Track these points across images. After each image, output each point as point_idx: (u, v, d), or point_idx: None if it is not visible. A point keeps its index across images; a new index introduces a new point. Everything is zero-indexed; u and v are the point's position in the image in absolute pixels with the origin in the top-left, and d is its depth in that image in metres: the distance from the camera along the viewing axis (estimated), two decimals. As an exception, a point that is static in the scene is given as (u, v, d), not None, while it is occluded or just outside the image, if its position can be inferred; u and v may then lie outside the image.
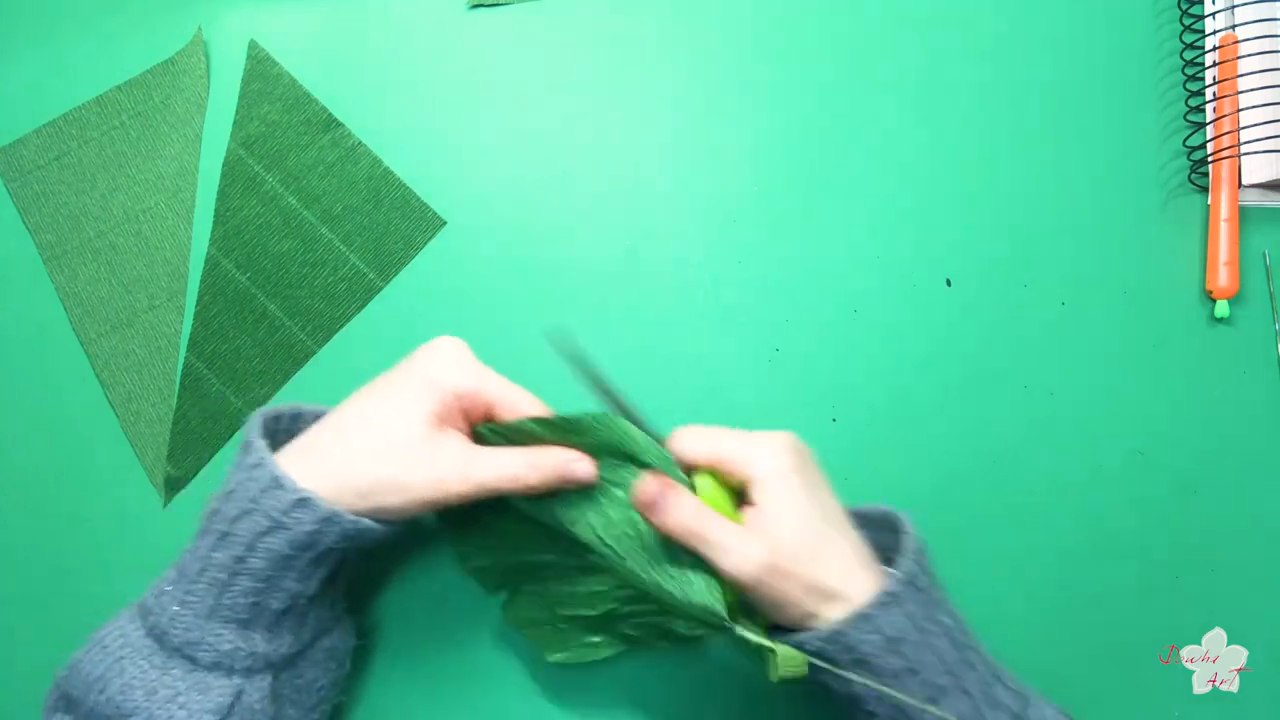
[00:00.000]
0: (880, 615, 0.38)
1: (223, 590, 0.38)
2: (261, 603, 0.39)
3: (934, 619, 0.39)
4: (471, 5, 0.55)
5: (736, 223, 0.53)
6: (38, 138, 0.54)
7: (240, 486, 0.38)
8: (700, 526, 0.39)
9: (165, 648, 0.38)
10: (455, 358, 0.42)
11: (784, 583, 0.38)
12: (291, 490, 0.38)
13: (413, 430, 0.40)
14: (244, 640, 0.38)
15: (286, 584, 0.39)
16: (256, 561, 0.38)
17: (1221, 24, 0.55)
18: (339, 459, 0.39)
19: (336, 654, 0.44)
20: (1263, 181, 0.53)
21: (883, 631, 0.38)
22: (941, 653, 0.38)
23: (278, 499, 0.38)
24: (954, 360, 0.53)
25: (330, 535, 0.38)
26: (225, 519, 0.38)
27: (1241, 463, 0.52)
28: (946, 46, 0.55)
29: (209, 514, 0.39)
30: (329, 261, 0.53)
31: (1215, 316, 0.53)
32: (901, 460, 0.52)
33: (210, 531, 0.39)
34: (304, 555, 0.38)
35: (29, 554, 0.51)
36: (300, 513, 0.38)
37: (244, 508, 0.38)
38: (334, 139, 0.53)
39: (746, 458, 0.40)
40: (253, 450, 0.39)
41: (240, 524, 0.38)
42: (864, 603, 0.38)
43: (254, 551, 0.38)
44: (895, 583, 0.38)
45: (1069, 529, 0.51)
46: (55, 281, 0.53)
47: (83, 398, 0.52)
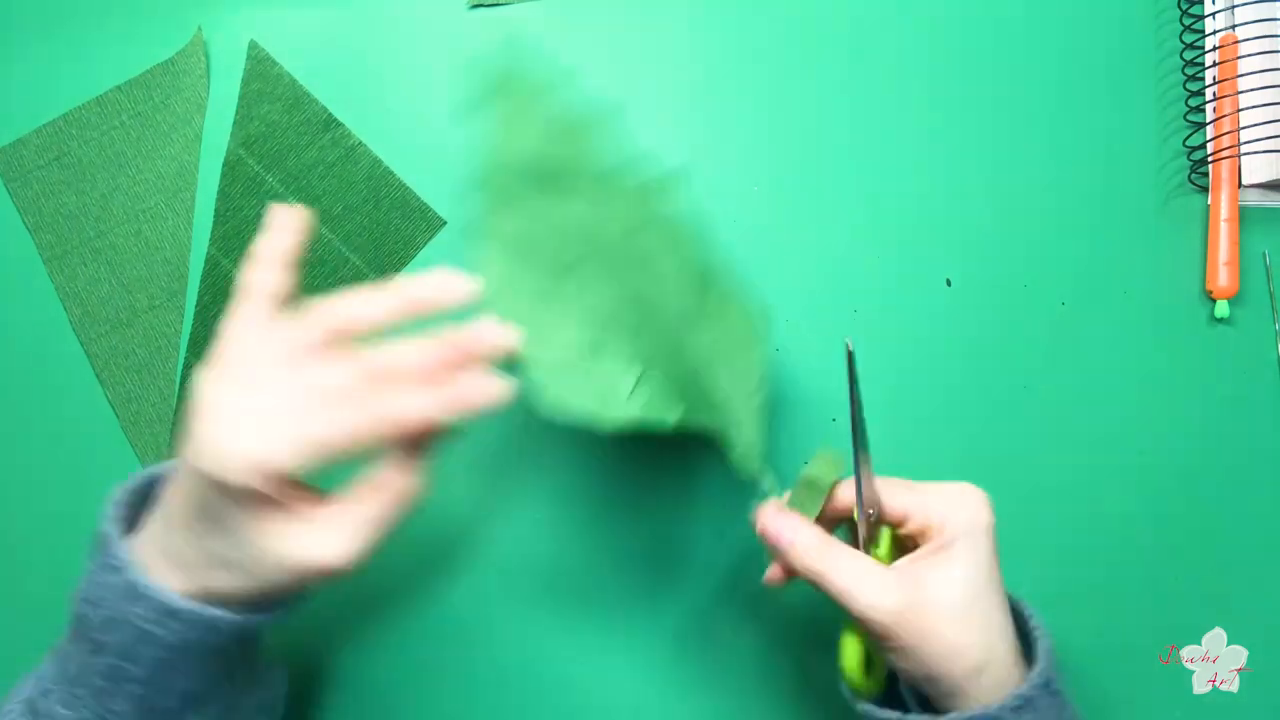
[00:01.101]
0: (1036, 700, 0.35)
1: (109, 697, 0.34)
2: (155, 704, 0.35)
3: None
4: (471, 5, 0.55)
5: (736, 223, 0.53)
6: (38, 138, 0.54)
7: (100, 595, 0.34)
8: (826, 566, 0.36)
9: None
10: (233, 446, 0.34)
11: (924, 641, 0.35)
12: (157, 598, 0.33)
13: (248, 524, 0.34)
14: None
15: (176, 684, 0.35)
16: (136, 670, 0.34)
17: (1221, 24, 0.55)
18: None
19: (265, 707, 0.41)
20: (1263, 181, 0.53)
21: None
22: None
23: (141, 609, 0.33)
24: (954, 360, 0.53)
25: (213, 636, 0.34)
26: (93, 626, 0.34)
27: (1241, 463, 0.52)
28: (946, 46, 0.55)
29: (76, 617, 0.35)
30: (329, 261, 0.53)
31: (1215, 316, 0.53)
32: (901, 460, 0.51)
33: (82, 638, 0.35)
34: (188, 655, 0.34)
35: (29, 554, 0.51)
36: (170, 622, 0.33)
37: (109, 615, 0.34)
38: (334, 139, 0.53)
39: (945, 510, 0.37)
40: (107, 549, 0.35)
41: (109, 634, 0.34)
42: (996, 702, 0.35)
43: (132, 660, 0.34)
44: (1031, 686, 0.36)
45: (1069, 529, 0.51)
46: (55, 281, 0.53)
47: (83, 398, 0.52)
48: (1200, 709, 0.50)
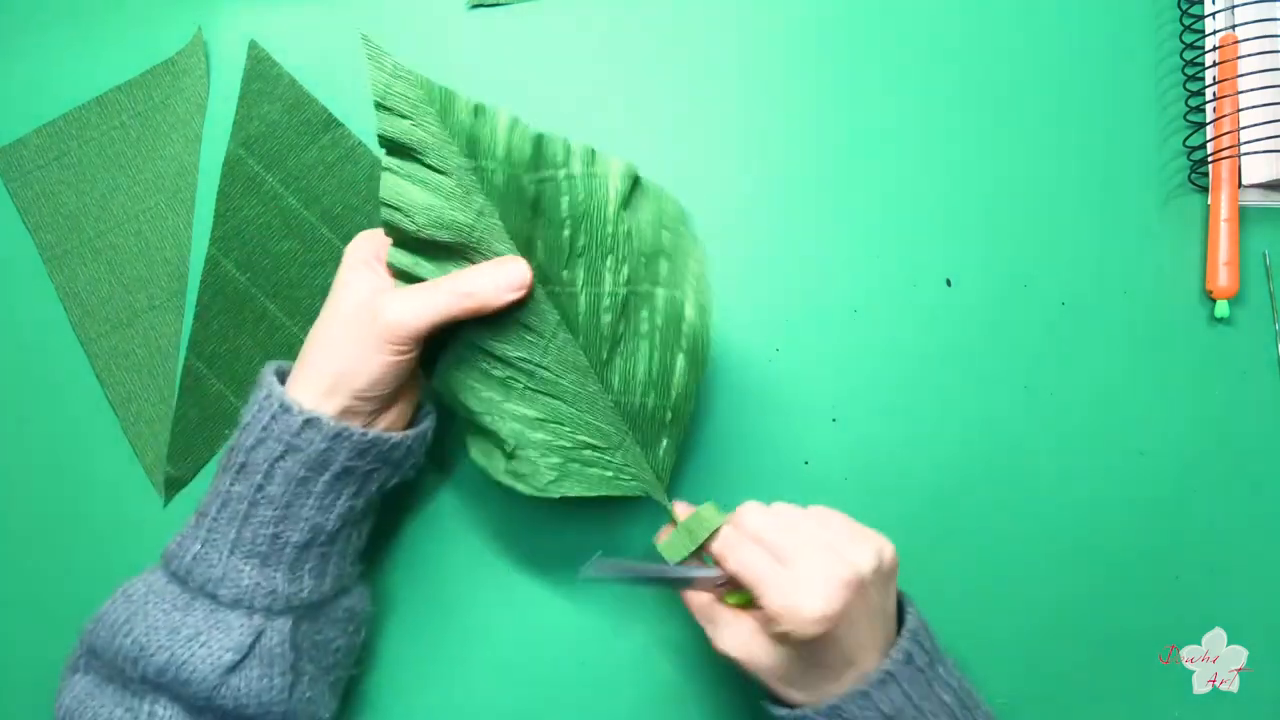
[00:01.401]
0: (877, 692, 0.38)
1: (243, 522, 0.39)
2: (281, 534, 0.39)
3: (932, 694, 0.40)
4: (471, 5, 0.55)
5: (736, 222, 0.53)
6: (38, 138, 0.54)
7: (254, 419, 0.40)
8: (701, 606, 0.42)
9: (188, 588, 0.39)
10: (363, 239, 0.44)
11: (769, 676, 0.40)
12: (298, 413, 0.39)
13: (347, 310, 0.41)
14: (264, 578, 0.39)
15: (305, 513, 0.40)
16: (274, 489, 0.39)
17: (1221, 24, 0.55)
18: (313, 369, 0.41)
19: (354, 616, 0.44)
20: (1263, 181, 0.53)
21: (879, 708, 0.38)
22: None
23: (286, 423, 0.39)
24: (954, 360, 0.53)
25: (342, 450, 0.40)
26: (242, 450, 0.40)
27: (1241, 463, 0.52)
28: (946, 46, 0.55)
29: (226, 452, 0.41)
30: (329, 261, 0.53)
31: (1215, 316, 0.53)
32: (901, 460, 0.52)
33: (228, 467, 0.40)
34: (319, 478, 0.40)
35: (29, 554, 0.51)
36: (309, 432, 0.39)
37: (258, 437, 0.39)
38: (334, 139, 0.53)
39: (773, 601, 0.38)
40: (263, 385, 0.41)
41: (255, 453, 0.39)
42: (862, 681, 0.39)
43: (270, 479, 0.39)
44: (891, 662, 0.39)
45: (1069, 529, 0.51)
46: (55, 281, 0.53)
47: (83, 398, 0.52)
48: (1200, 709, 0.50)
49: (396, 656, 0.50)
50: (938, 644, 0.42)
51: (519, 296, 0.41)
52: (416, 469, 0.45)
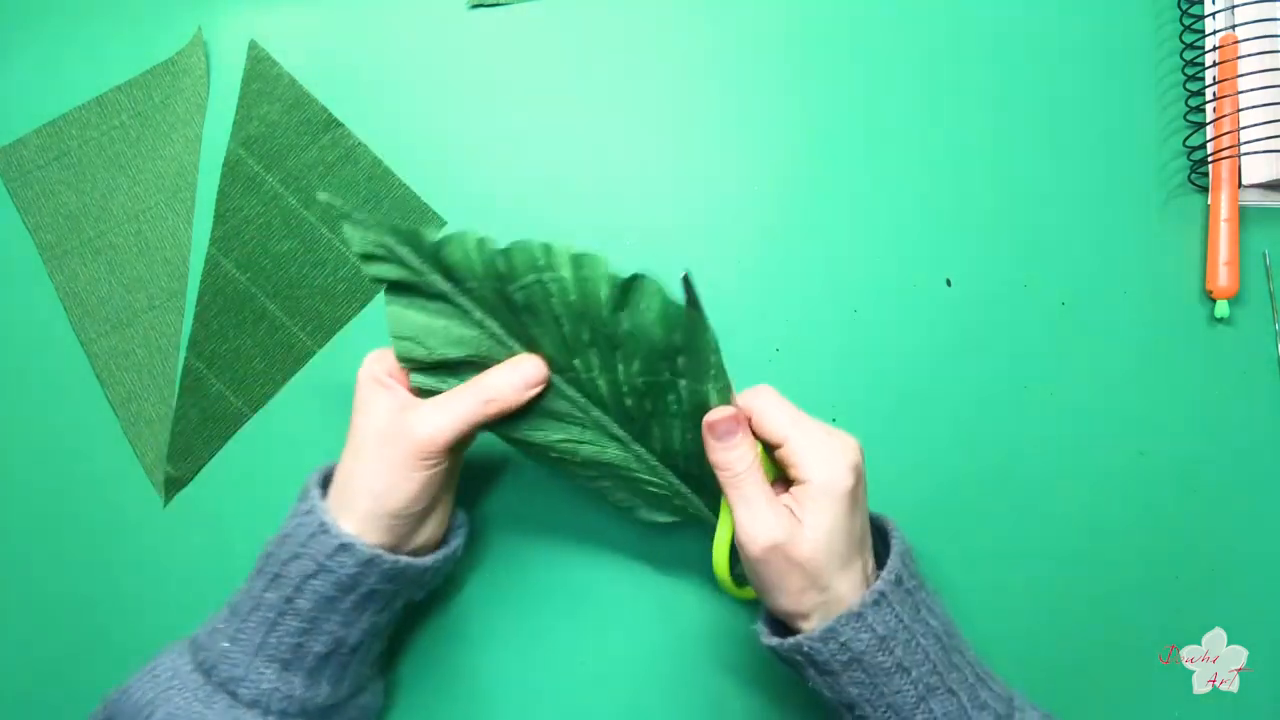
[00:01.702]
0: (871, 613, 0.39)
1: (270, 629, 0.40)
2: (304, 644, 0.40)
3: (920, 619, 0.40)
4: (471, 5, 0.55)
5: (736, 222, 0.53)
6: (38, 138, 0.54)
7: (293, 532, 0.41)
8: (742, 477, 0.40)
9: (211, 681, 0.40)
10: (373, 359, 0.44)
11: (788, 573, 0.39)
12: (335, 535, 0.40)
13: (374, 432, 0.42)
14: (283, 682, 0.40)
15: (329, 627, 0.41)
16: (303, 602, 0.40)
17: (1221, 24, 0.55)
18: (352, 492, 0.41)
19: (366, 713, 0.46)
20: (1263, 181, 0.53)
21: (874, 629, 0.39)
22: (929, 651, 0.39)
23: (323, 544, 0.40)
24: (954, 360, 0.53)
25: (371, 577, 0.41)
26: (278, 561, 0.41)
27: (1241, 463, 0.52)
28: (946, 47, 0.55)
29: (264, 557, 0.42)
30: (329, 261, 0.53)
31: (1215, 316, 0.53)
32: (902, 460, 0.52)
33: (264, 573, 0.41)
34: (347, 597, 0.41)
35: (29, 554, 0.51)
36: (343, 556, 0.40)
37: (294, 551, 0.40)
38: (334, 139, 0.53)
39: (810, 461, 0.40)
40: (307, 498, 0.42)
41: (290, 566, 0.40)
42: (855, 602, 0.39)
43: (301, 593, 0.40)
44: (883, 582, 0.39)
45: (1069, 529, 0.51)
46: (55, 281, 0.53)
47: (83, 398, 0.52)
48: (1200, 709, 0.50)
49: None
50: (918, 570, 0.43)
51: (537, 391, 0.42)
52: (443, 579, 0.46)
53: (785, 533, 0.39)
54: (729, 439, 0.40)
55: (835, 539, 0.39)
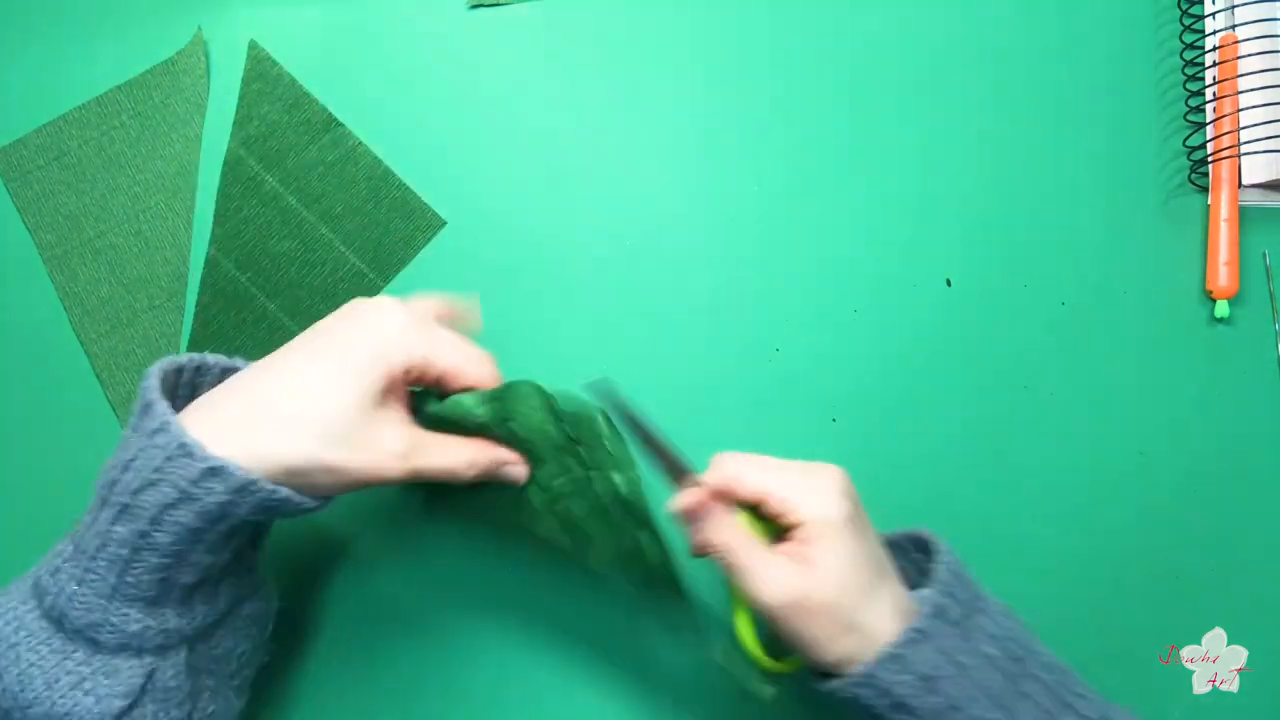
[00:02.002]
0: (910, 653, 0.36)
1: (125, 567, 0.34)
2: (170, 579, 0.35)
3: (973, 649, 0.37)
4: (471, 5, 0.55)
5: (736, 223, 0.53)
6: (38, 138, 0.54)
7: (141, 454, 0.34)
8: (739, 552, 0.38)
9: (65, 630, 0.35)
10: (403, 324, 0.39)
11: (817, 621, 0.37)
12: (201, 458, 0.34)
13: (355, 413, 0.37)
14: (153, 618, 0.35)
15: (196, 558, 0.35)
16: (162, 536, 0.34)
17: (1221, 24, 0.55)
18: (264, 431, 0.35)
19: (257, 619, 0.41)
20: (1263, 181, 0.53)
21: (915, 670, 0.36)
22: (987, 686, 0.37)
23: (185, 468, 0.34)
24: (954, 360, 0.53)
25: (245, 506, 0.35)
26: (126, 490, 0.34)
27: (1241, 463, 0.52)
28: (946, 46, 0.55)
29: (106, 484, 0.35)
30: (329, 261, 0.53)
31: (1215, 316, 0.53)
32: (901, 460, 0.52)
33: (109, 504, 0.35)
34: (215, 528, 0.35)
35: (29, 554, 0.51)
36: (211, 482, 0.34)
37: (146, 478, 0.34)
38: (334, 139, 0.53)
39: (797, 501, 0.38)
40: (154, 413, 0.35)
41: (143, 496, 0.34)
42: (892, 642, 0.37)
43: (159, 526, 0.34)
44: (922, 619, 0.37)
45: (1069, 529, 0.51)
46: (55, 281, 0.53)
47: (83, 398, 0.52)
48: (1200, 709, 0.50)
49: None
50: (979, 590, 0.40)
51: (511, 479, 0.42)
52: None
53: (799, 582, 0.37)
54: (702, 519, 0.39)
55: (850, 571, 0.37)
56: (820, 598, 0.37)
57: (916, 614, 0.38)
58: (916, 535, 0.43)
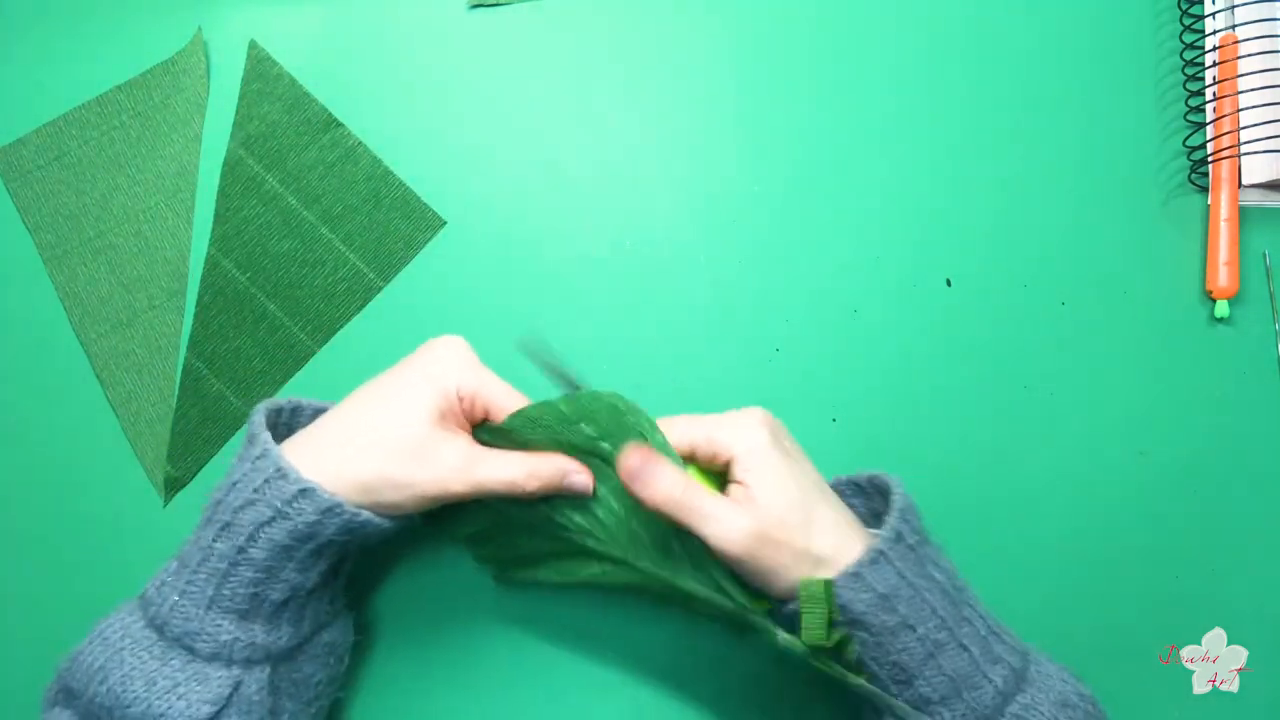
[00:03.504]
0: (870, 573, 0.38)
1: (223, 580, 0.38)
2: (261, 593, 0.39)
3: (925, 574, 0.40)
4: (471, 5, 0.55)
5: (736, 223, 0.53)
6: (38, 138, 0.54)
7: (244, 478, 0.39)
8: (685, 498, 0.39)
9: (165, 638, 0.38)
10: (459, 357, 0.43)
11: (774, 551, 0.38)
12: (295, 480, 0.38)
13: (416, 429, 0.40)
14: (243, 631, 0.39)
15: (286, 575, 0.39)
16: (257, 552, 0.38)
17: (1221, 24, 0.55)
18: (343, 454, 0.40)
19: (335, 649, 0.44)
20: (1263, 181, 0.53)
21: (874, 589, 0.38)
22: (936, 607, 0.39)
23: (280, 489, 0.38)
24: (954, 360, 0.53)
25: (331, 526, 0.39)
26: (229, 509, 0.39)
27: (1241, 463, 0.52)
28: (946, 46, 0.55)
29: (212, 505, 0.40)
30: (329, 261, 0.53)
31: (1215, 316, 0.53)
32: (901, 460, 0.52)
33: (212, 522, 0.39)
34: (304, 546, 0.39)
35: (29, 554, 0.51)
36: (302, 503, 0.38)
37: (247, 498, 0.38)
38: (334, 139, 0.53)
39: (725, 439, 0.40)
40: (258, 442, 0.40)
41: (243, 514, 0.38)
42: (853, 562, 0.39)
43: (255, 542, 0.38)
44: (883, 541, 0.39)
45: (1069, 529, 0.51)
46: (55, 281, 0.53)
47: (83, 398, 0.52)
48: (1200, 709, 0.50)
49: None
50: (924, 529, 0.42)
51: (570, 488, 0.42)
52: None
53: (751, 514, 0.38)
54: (646, 473, 0.39)
55: (788, 490, 0.39)
56: (769, 523, 0.38)
57: (876, 537, 0.40)
58: (873, 476, 0.45)
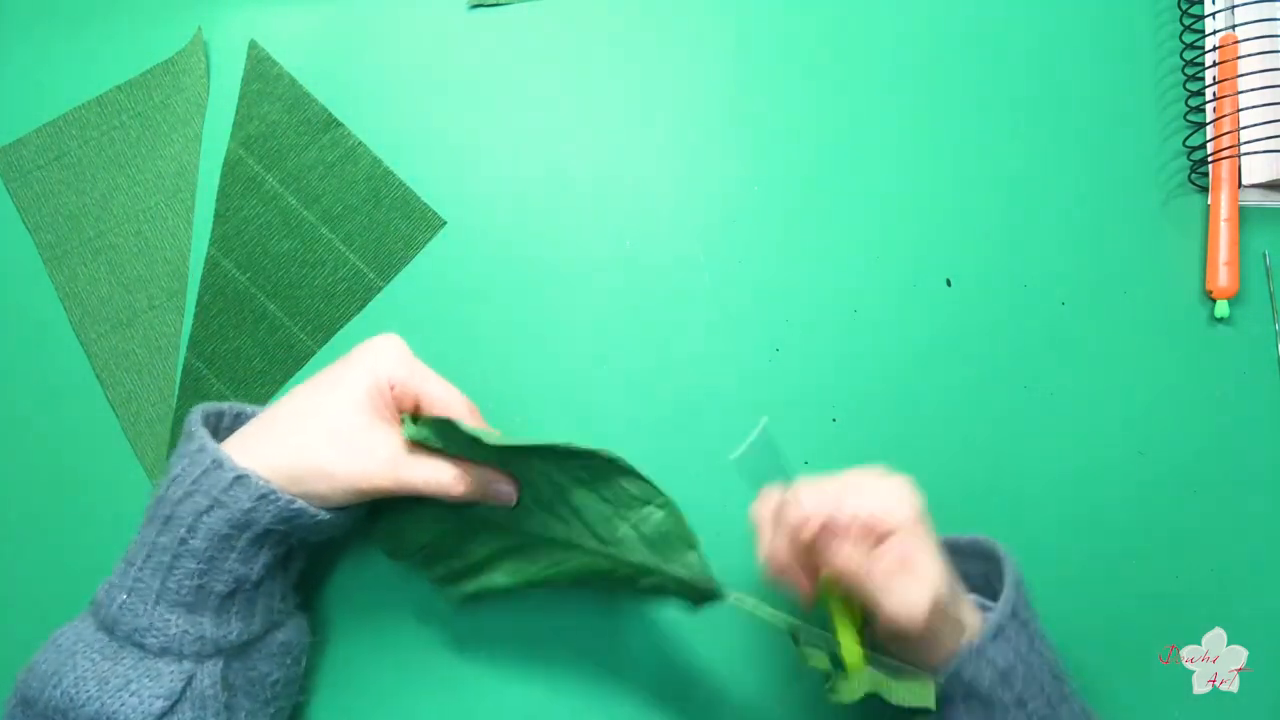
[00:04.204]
0: (991, 648, 0.38)
1: (167, 573, 0.39)
2: (206, 585, 0.39)
3: (1036, 650, 0.40)
4: (471, 5, 0.55)
5: (736, 223, 0.53)
6: (38, 138, 0.54)
7: (183, 472, 0.40)
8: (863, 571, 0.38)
9: (116, 637, 0.39)
10: (392, 352, 0.44)
11: (941, 621, 0.38)
12: (230, 469, 0.39)
13: (344, 421, 0.41)
14: (191, 624, 0.39)
15: (229, 565, 0.40)
16: (197, 542, 0.39)
17: (1221, 24, 0.55)
18: (273, 445, 0.41)
19: (291, 649, 0.44)
20: (1263, 181, 0.53)
21: (995, 664, 0.38)
22: (1045, 684, 0.39)
23: (217, 479, 0.39)
24: (954, 360, 0.53)
25: (266, 514, 0.40)
26: (169, 503, 0.40)
27: (1241, 463, 0.52)
28: (946, 46, 0.55)
29: (154, 503, 0.40)
30: (329, 261, 0.53)
31: (1215, 316, 0.53)
32: (901, 460, 0.51)
33: (154, 519, 0.40)
34: (242, 535, 0.40)
35: (29, 554, 0.51)
36: (237, 490, 0.39)
37: (186, 490, 0.39)
38: (334, 139, 0.53)
39: (886, 509, 0.39)
40: (195, 438, 0.41)
41: (182, 506, 0.39)
42: (976, 637, 0.38)
43: (194, 532, 0.39)
44: (1001, 615, 0.39)
45: (1069, 529, 0.51)
46: (55, 281, 0.53)
47: (83, 398, 0.52)
48: (1200, 709, 0.50)
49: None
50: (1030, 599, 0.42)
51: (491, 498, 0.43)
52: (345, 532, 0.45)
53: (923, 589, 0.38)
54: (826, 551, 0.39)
55: (940, 560, 0.39)
56: (941, 594, 0.38)
57: (995, 610, 0.40)
58: (973, 541, 0.45)
